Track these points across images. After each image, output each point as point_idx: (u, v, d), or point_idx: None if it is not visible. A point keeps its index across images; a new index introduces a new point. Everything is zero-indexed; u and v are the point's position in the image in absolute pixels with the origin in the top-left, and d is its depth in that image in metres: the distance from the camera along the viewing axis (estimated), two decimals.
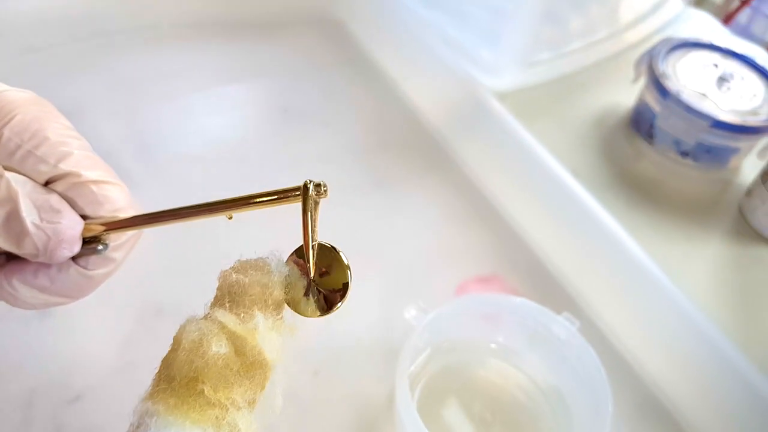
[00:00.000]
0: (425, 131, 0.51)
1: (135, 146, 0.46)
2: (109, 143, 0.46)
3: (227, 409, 0.22)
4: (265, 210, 0.26)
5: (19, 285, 0.28)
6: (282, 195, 0.25)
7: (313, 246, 0.25)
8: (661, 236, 0.46)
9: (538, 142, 0.46)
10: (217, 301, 0.24)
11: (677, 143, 0.49)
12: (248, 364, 0.23)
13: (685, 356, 0.39)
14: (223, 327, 0.23)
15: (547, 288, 0.43)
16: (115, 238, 0.28)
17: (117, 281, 0.38)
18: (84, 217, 0.27)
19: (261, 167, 0.47)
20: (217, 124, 0.49)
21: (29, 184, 0.26)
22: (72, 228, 0.26)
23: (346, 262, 0.26)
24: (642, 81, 0.51)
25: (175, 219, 0.27)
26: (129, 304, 0.39)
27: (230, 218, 0.27)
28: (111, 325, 0.39)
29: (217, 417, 0.22)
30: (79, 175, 0.26)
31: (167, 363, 0.23)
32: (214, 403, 0.22)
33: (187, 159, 0.47)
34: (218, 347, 0.23)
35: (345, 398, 0.37)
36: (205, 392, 0.22)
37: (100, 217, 0.27)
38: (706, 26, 0.63)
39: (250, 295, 0.24)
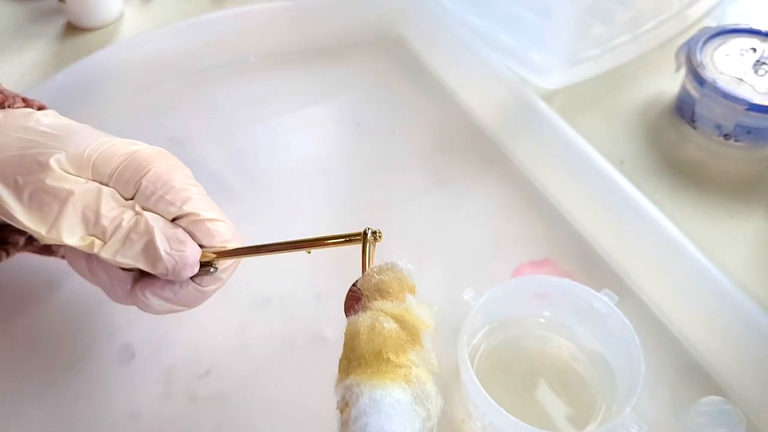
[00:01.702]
0: (481, 132, 0.57)
1: (235, 165, 0.55)
2: (214, 164, 0.55)
3: (410, 368, 0.29)
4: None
5: (151, 296, 0.37)
6: (347, 239, 0.34)
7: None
8: (704, 215, 0.49)
9: (582, 137, 0.50)
10: (370, 299, 0.32)
11: (718, 127, 0.52)
12: (411, 333, 0.30)
13: (724, 325, 0.42)
14: (385, 311, 0.30)
15: (596, 269, 0.48)
16: (223, 263, 0.37)
17: (232, 279, 0.46)
18: (200, 246, 0.36)
19: (340, 176, 0.54)
20: (301, 141, 0.57)
21: (161, 220, 0.35)
22: (193, 255, 0.35)
23: None
24: (683, 70, 0.55)
25: (268, 252, 0.36)
26: (242, 297, 0.47)
27: (309, 253, 0.36)
28: (229, 314, 0.47)
29: (405, 375, 0.29)
30: (198, 215, 0.35)
31: (351, 349, 0.30)
32: (400, 365, 0.29)
33: (279, 173, 0.54)
34: (389, 324, 0.30)
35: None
36: (391, 359, 0.29)
37: (213, 247, 0.36)
38: (758, 6, 0.65)
39: (393, 287, 0.31)
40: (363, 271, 0.33)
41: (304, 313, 0.47)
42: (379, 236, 0.33)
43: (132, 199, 0.35)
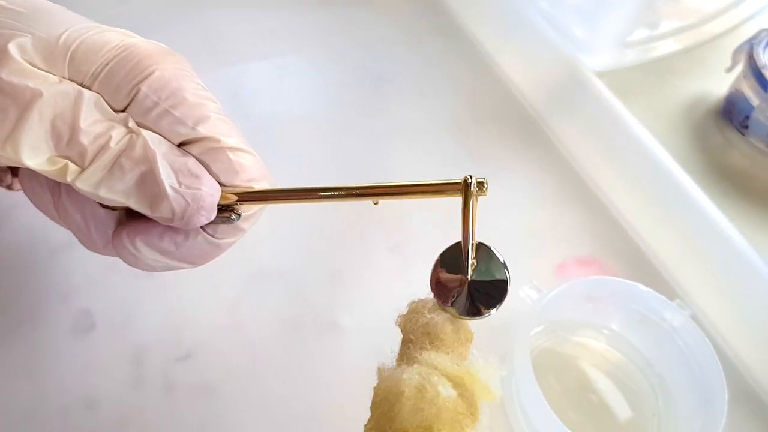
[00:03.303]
0: (520, 107, 0.50)
1: (233, 103, 0.45)
2: None
3: None
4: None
5: (143, 246, 0.27)
6: (440, 188, 0.25)
7: (472, 244, 0.25)
8: (752, 227, 0.45)
9: (639, 122, 0.45)
10: (416, 345, 0.23)
11: None
12: (470, 405, 0.22)
13: None
14: (440, 369, 0.22)
15: (645, 273, 0.43)
16: (246, 209, 0.27)
17: None
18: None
19: (360, 133, 0.46)
20: (313, 87, 0.48)
21: (165, 144, 0.25)
22: (211, 195, 0.25)
23: (502, 260, 0.26)
24: (737, 70, 0.50)
25: (316, 199, 0.26)
26: (236, 265, 0.39)
27: (376, 203, 0.26)
28: (218, 286, 0.38)
29: None
30: (217, 141, 0.25)
31: (386, 417, 0.22)
32: None
33: (285, 120, 0.46)
34: (445, 390, 0.21)
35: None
36: None
37: (234, 186, 0.26)
38: None
39: (447, 334, 0.23)
40: (464, 234, 0.24)
41: (314, 293, 0.39)
42: (485, 189, 0.24)
43: (124, 111, 0.25)
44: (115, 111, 0.25)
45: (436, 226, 0.41)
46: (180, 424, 0.34)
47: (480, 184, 0.25)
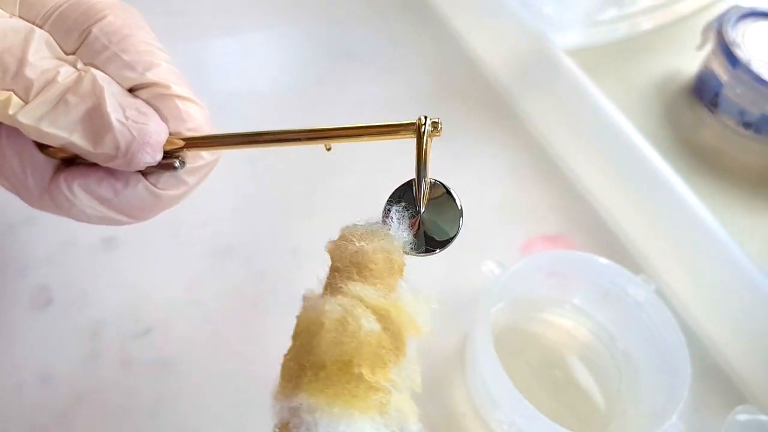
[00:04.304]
0: (489, 84, 0.49)
1: (195, 80, 0.44)
2: None
3: (389, 393, 0.20)
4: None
5: (80, 191, 0.26)
6: (394, 129, 0.24)
7: (425, 182, 0.25)
8: (722, 206, 0.45)
9: (609, 100, 0.45)
10: (343, 274, 0.22)
11: (741, 113, 0.48)
12: (396, 339, 0.21)
13: (748, 322, 0.39)
14: (365, 301, 0.21)
15: (612, 250, 0.42)
16: (192, 160, 0.26)
17: (186, 217, 0.37)
18: None
19: (323, 110, 0.45)
20: (278, 63, 0.47)
21: (114, 84, 0.24)
22: (158, 133, 0.25)
23: (459, 206, 0.25)
24: (707, 48, 0.50)
25: (266, 143, 0.25)
26: (197, 241, 0.38)
27: (329, 149, 0.25)
28: (178, 263, 0.38)
29: (381, 402, 0.20)
30: (167, 87, 0.25)
31: (306, 349, 0.20)
32: (375, 387, 0.20)
33: (249, 96, 0.45)
34: (369, 324, 0.20)
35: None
36: (364, 376, 0.19)
37: (180, 134, 0.25)
38: None
39: (378, 264, 0.22)
40: (417, 174, 0.24)
41: (274, 269, 0.39)
42: (440, 129, 0.23)
43: (74, 55, 0.25)
44: (66, 54, 0.25)
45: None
46: (135, 399, 0.33)
47: (434, 125, 0.24)
